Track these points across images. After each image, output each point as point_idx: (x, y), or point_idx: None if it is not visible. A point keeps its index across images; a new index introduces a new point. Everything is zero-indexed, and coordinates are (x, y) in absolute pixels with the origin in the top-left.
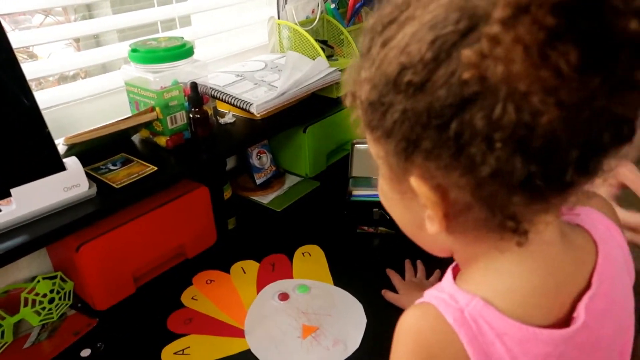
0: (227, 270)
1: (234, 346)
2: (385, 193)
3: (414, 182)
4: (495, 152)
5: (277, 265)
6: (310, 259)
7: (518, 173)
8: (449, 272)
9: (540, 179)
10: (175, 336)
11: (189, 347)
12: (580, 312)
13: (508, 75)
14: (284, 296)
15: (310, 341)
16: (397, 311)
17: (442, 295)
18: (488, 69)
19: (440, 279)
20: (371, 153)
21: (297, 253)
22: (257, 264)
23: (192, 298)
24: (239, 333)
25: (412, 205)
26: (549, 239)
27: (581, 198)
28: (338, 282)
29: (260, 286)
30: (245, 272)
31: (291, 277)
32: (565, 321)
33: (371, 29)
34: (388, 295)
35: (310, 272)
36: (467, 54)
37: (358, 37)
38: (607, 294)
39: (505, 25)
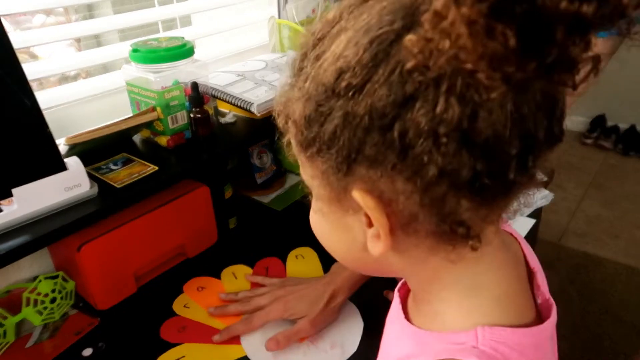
0: (219, 275)
1: (231, 353)
2: (323, 216)
3: (357, 195)
4: (440, 148)
5: (271, 269)
6: (304, 261)
7: (465, 170)
8: (407, 326)
9: (486, 176)
10: (170, 345)
11: (183, 356)
12: (545, 294)
13: (455, 53)
14: None
15: (308, 345)
16: None
17: (444, 346)
18: (432, 53)
19: None
20: (305, 178)
21: (291, 255)
22: (249, 269)
23: (185, 306)
24: (235, 340)
25: (354, 225)
26: (497, 245)
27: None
28: None
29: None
30: (236, 278)
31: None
32: (536, 313)
33: (302, 47)
34: (388, 294)
35: (307, 274)
36: (410, 38)
37: None
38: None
39: (449, 1)
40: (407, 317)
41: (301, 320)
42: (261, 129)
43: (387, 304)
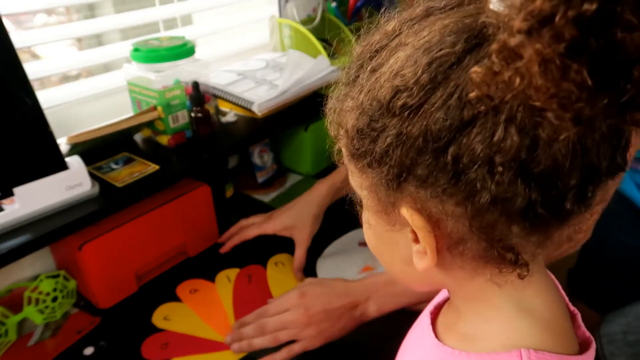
0: (213, 279)
1: None
2: (370, 228)
3: (406, 212)
4: (495, 177)
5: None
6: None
7: (519, 200)
8: (439, 347)
9: (541, 206)
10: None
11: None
12: (586, 333)
13: (523, 91)
14: (364, 244)
15: (365, 275)
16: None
17: None
18: (498, 86)
19: None
20: (354, 185)
21: (270, 263)
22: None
23: (165, 318)
24: (224, 347)
25: (400, 239)
26: (540, 268)
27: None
28: None
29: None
30: (230, 281)
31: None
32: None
33: (358, 57)
34: None
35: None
36: (476, 71)
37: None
38: None
39: (525, 37)
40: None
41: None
42: (262, 128)
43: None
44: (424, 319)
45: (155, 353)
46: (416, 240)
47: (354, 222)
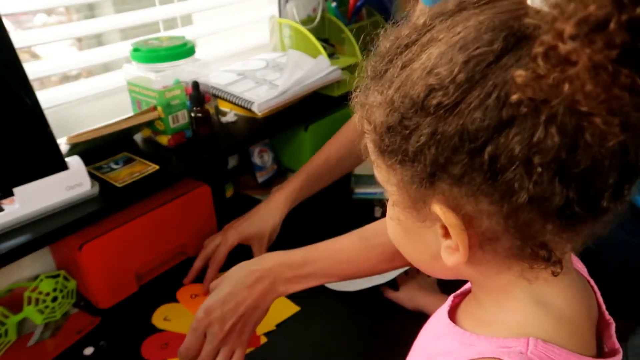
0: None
1: None
2: (397, 223)
3: (439, 209)
4: (533, 176)
5: None
6: None
7: (557, 199)
8: (451, 327)
9: (578, 205)
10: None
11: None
12: (617, 345)
13: (571, 95)
14: None
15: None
16: (396, 309)
17: (490, 347)
18: (543, 90)
19: None
20: (380, 179)
21: None
22: None
23: (165, 319)
24: None
25: (428, 234)
26: (567, 268)
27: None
28: None
29: None
30: None
31: None
32: (597, 352)
33: (387, 52)
34: (387, 292)
35: None
36: (520, 74)
37: (359, 36)
38: None
39: (578, 44)
40: (453, 321)
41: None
42: (262, 128)
43: (387, 302)
44: (444, 306)
45: (156, 353)
46: (446, 235)
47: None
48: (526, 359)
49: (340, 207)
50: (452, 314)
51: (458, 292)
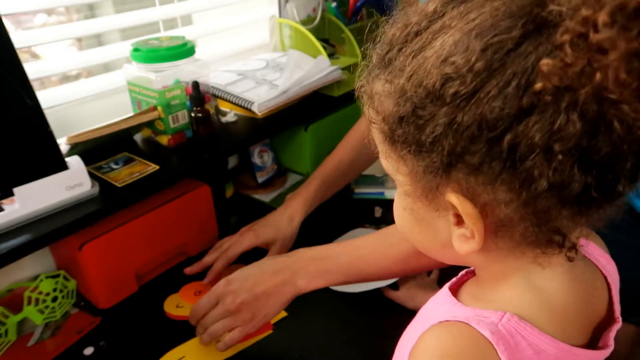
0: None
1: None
2: (407, 211)
3: (455, 199)
4: (553, 164)
5: None
6: None
7: (575, 186)
8: (447, 296)
9: (596, 190)
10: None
11: (183, 356)
12: (610, 342)
13: (602, 83)
14: None
15: None
16: (396, 309)
17: (466, 314)
18: (570, 78)
19: (439, 276)
20: (388, 169)
21: None
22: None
23: (177, 306)
24: None
25: (439, 223)
26: (575, 263)
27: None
28: None
29: None
30: None
31: None
32: (589, 345)
33: (395, 39)
34: (388, 292)
35: None
36: (547, 63)
37: (360, 36)
38: None
39: (614, 32)
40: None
41: (273, 246)
42: (262, 128)
43: (386, 300)
44: (455, 279)
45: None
46: (458, 224)
47: (352, 223)
48: (494, 330)
49: (340, 207)
50: (456, 289)
51: (471, 268)
